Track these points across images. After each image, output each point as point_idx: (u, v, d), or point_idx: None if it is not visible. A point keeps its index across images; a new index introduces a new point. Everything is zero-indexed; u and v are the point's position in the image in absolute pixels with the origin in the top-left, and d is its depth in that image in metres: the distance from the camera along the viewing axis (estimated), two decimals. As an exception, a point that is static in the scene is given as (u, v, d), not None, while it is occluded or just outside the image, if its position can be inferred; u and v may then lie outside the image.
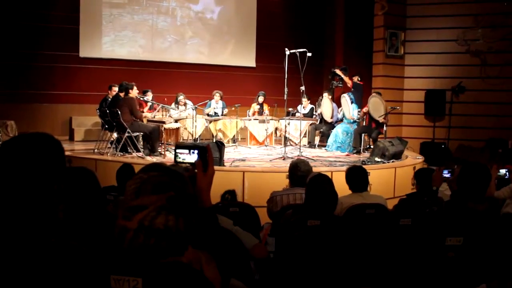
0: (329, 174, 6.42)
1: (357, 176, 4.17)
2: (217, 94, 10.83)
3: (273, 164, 7.82)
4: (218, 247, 1.59)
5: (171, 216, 1.38)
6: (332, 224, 3.22)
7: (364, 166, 4.49)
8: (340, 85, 10.11)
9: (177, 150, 1.70)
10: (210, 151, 1.67)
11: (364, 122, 10.10)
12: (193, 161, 1.67)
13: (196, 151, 1.69)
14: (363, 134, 9.71)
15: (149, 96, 10.04)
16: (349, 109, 9.72)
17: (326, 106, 10.50)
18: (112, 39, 11.92)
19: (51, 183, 1.49)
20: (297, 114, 10.97)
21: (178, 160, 1.69)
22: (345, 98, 9.79)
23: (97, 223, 2.08)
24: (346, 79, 10.02)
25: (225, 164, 7.41)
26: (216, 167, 6.89)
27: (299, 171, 4.28)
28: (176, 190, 1.45)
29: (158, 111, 10.00)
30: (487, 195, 2.69)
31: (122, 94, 8.64)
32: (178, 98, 10.50)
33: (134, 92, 8.45)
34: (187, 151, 1.70)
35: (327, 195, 3.25)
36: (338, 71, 10.20)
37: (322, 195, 3.24)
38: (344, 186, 4.24)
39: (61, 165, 1.59)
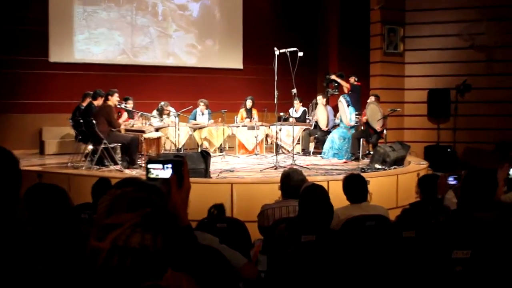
0: (325, 184, 6.42)
1: (355, 185, 4.17)
2: (202, 104, 10.84)
3: (264, 174, 7.83)
4: (201, 268, 1.59)
5: (148, 234, 1.37)
6: (328, 239, 3.23)
7: (363, 174, 4.50)
8: (336, 92, 10.16)
9: (149, 166, 1.69)
10: (185, 164, 1.66)
11: (362, 126, 10.13)
12: (167, 176, 1.66)
13: (170, 166, 1.68)
14: (361, 139, 9.75)
15: (129, 105, 10.01)
16: (346, 114, 9.76)
17: (321, 114, 10.55)
18: (86, 37, 11.85)
19: (10, 203, 1.48)
20: (290, 119, 10.99)
21: (151, 176, 1.69)
22: (342, 103, 9.83)
23: (70, 245, 2.06)
24: (343, 83, 10.09)
25: (211, 175, 7.42)
26: (202, 180, 6.83)
27: (292, 181, 4.29)
28: (153, 206, 1.44)
29: (137, 119, 9.97)
30: (495, 200, 2.70)
31: (96, 103, 8.62)
32: (160, 105, 10.49)
33: (114, 99, 8.43)
34: (160, 165, 1.69)
35: (322, 207, 3.26)
36: (333, 77, 10.25)
37: (316, 207, 3.25)
38: (342, 197, 4.25)
39: (16, 183, 1.58)
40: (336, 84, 10.17)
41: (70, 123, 9.13)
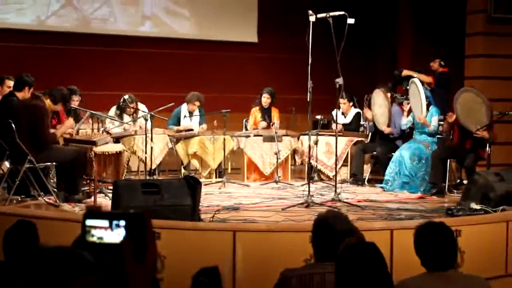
0: (386, 235, 6.38)
1: (436, 241, 4.08)
2: (197, 103, 10.87)
3: (287, 216, 7.75)
4: None
5: None
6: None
7: (449, 220, 4.42)
8: (408, 101, 10.17)
9: (88, 222, 1.65)
10: (149, 221, 1.61)
11: (452, 137, 10.01)
12: (117, 240, 1.62)
13: (122, 223, 1.63)
14: (448, 160, 9.66)
15: (75, 101, 9.99)
16: (421, 104, 9.64)
17: (380, 105, 10.47)
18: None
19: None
20: (332, 126, 10.91)
21: (91, 239, 1.64)
22: (415, 85, 9.73)
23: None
24: (423, 77, 10.09)
25: (201, 217, 7.36)
26: (186, 224, 6.83)
27: (331, 232, 4.22)
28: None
29: (85, 122, 9.97)
30: None
31: (20, 95, 8.61)
32: (123, 99, 10.48)
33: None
34: (106, 222, 1.65)
35: (373, 278, 3.19)
36: (407, 72, 10.21)
37: (363, 279, 3.18)
38: (413, 260, 4.15)
39: None
40: (408, 88, 10.13)
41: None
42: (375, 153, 10.64)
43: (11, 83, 9.19)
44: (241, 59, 13.40)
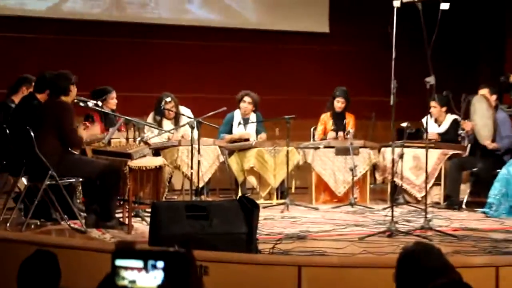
0: (491, 273, 6.31)
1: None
2: (247, 99, 10.88)
3: (365, 248, 7.68)
4: None
5: None
6: None
7: None
8: None
9: (118, 262, 1.65)
10: (193, 262, 1.60)
11: None
12: (153, 285, 1.62)
13: (160, 264, 1.63)
14: None
15: (112, 103, 10.08)
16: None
17: (482, 115, 10.32)
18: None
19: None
20: (424, 136, 10.83)
21: (122, 283, 1.64)
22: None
23: None
24: None
25: (259, 248, 7.34)
26: (241, 257, 6.81)
27: (419, 268, 4.17)
28: None
29: (120, 130, 10.03)
30: None
31: (41, 97, 8.70)
32: (164, 102, 10.54)
33: (74, 93, 8.57)
34: (140, 263, 1.65)
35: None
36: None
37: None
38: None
39: None
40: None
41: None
42: (475, 169, 10.52)
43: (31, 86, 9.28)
44: (309, 53, 13.41)
